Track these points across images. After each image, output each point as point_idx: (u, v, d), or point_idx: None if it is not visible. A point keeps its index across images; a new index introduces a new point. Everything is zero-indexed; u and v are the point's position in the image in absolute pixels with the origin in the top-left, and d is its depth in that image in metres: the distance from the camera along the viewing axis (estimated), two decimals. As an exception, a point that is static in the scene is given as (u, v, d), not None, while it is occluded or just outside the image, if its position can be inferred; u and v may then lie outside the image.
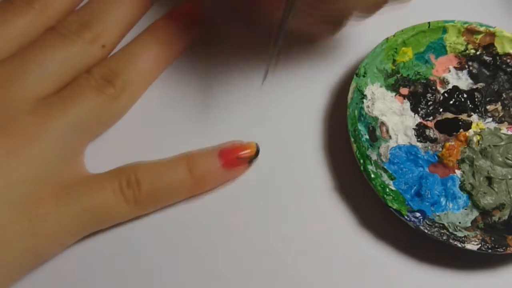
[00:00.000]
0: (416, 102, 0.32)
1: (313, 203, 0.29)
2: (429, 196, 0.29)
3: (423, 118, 0.31)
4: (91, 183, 0.27)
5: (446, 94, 0.32)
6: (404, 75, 0.32)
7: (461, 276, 0.28)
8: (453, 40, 0.32)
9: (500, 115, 0.32)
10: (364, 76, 0.31)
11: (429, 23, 0.32)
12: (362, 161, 0.28)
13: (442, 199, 0.29)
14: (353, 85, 0.30)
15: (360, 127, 0.30)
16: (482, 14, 0.34)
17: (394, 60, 0.32)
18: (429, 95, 0.32)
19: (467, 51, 0.33)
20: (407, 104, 0.31)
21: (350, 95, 0.30)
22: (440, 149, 0.30)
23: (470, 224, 0.28)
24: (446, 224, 0.28)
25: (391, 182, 0.29)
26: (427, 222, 0.28)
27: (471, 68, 0.33)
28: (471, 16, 0.33)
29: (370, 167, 0.28)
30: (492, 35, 0.32)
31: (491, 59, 0.33)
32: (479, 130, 0.31)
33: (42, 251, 0.25)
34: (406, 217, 0.27)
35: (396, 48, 0.32)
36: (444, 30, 0.32)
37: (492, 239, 0.27)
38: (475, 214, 0.29)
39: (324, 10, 0.27)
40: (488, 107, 0.32)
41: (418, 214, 0.28)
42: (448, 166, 0.30)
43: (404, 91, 0.32)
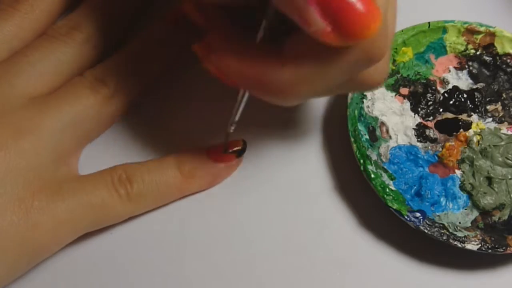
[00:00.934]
0: (416, 102, 0.32)
1: (313, 203, 0.29)
2: (429, 196, 0.29)
3: (423, 118, 0.31)
4: (84, 181, 0.27)
5: (446, 94, 0.32)
6: (404, 75, 0.32)
7: (461, 276, 0.28)
8: (453, 40, 0.32)
9: (500, 115, 0.32)
10: (364, 76, 0.31)
11: (429, 23, 0.32)
12: (362, 161, 0.28)
13: (442, 199, 0.29)
14: (353, 85, 0.30)
15: (360, 127, 0.30)
16: (482, 14, 0.34)
17: (394, 60, 0.32)
18: (429, 95, 0.32)
19: (467, 51, 0.33)
20: (407, 104, 0.31)
21: (350, 95, 0.30)
22: (440, 149, 0.30)
23: (470, 224, 0.28)
24: (446, 224, 0.28)
25: (391, 182, 0.29)
26: (427, 222, 0.28)
27: (471, 68, 0.33)
28: (471, 16, 0.33)
29: (370, 167, 0.28)
30: (492, 35, 0.32)
31: (491, 59, 0.33)
32: (479, 130, 0.31)
33: (39, 244, 0.25)
34: (406, 217, 0.27)
35: (396, 48, 0.32)
36: (444, 30, 0.32)
37: (492, 239, 0.27)
38: (475, 214, 0.29)
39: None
40: (488, 107, 0.32)
41: (418, 214, 0.28)
42: (448, 166, 0.30)
43: (404, 91, 0.32)
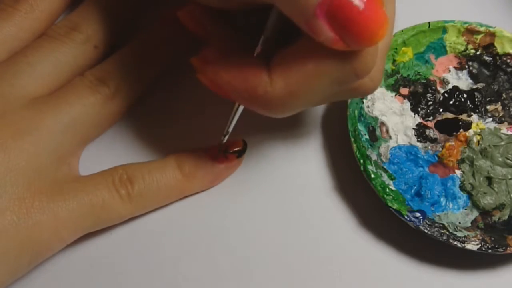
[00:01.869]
0: (416, 102, 0.32)
1: (313, 203, 0.29)
2: (429, 196, 0.29)
3: (423, 118, 0.31)
4: (85, 181, 0.27)
5: (446, 94, 0.32)
6: (404, 75, 0.32)
7: (461, 276, 0.28)
8: (453, 40, 0.32)
9: (500, 115, 0.32)
10: (364, 76, 0.31)
11: (429, 23, 0.32)
12: (362, 161, 0.28)
13: (442, 199, 0.29)
14: (353, 85, 0.30)
15: (360, 127, 0.30)
16: (482, 14, 0.34)
17: (394, 60, 0.32)
18: (429, 95, 0.32)
19: (467, 51, 0.33)
20: (407, 104, 0.31)
21: (350, 95, 0.30)
22: (440, 149, 0.30)
23: (470, 224, 0.28)
24: (446, 224, 0.28)
25: (391, 182, 0.29)
26: (427, 222, 0.28)
27: (471, 68, 0.33)
28: (471, 16, 0.33)
29: (370, 167, 0.28)
30: (492, 35, 0.32)
31: (491, 59, 0.33)
32: (479, 130, 0.31)
33: (40, 243, 0.25)
34: (406, 217, 0.27)
35: (396, 48, 0.32)
36: (444, 30, 0.32)
37: (492, 239, 0.27)
38: (475, 214, 0.29)
39: None
40: (488, 107, 0.32)
41: (418, 214, 0.28)
42: (448, 166, 0.30)
43: (404, 91, 0.32)
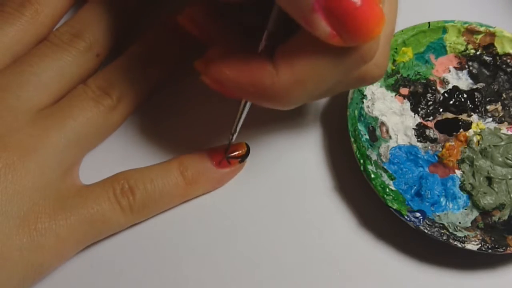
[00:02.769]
0: (416, 102, 0.32)
1: (313, 203, 0.29)
2: (429, 196, 0.29)
3: (423, 118, 0.31)
4: (86, 193, 0.27)
5: (446, 94, 0.32)
6: (404, 75, 0.32)
7: (461, 276, 0.28)
8: (453, 40, 0.32)
9: (500, 115, 0.32)
10: (364, 76, 0.31)
11: (429, 23, 0.32)
12: (362, 161, 0.28)
13: (442, 199, 0.29)
14: (353, 85, 0.30)
15: (360, 127, 0.30)
16: (482, 14, 0.34)
17: (394, 60, 0.32)
18: (429, 95, 0.32)
19: (467, 51, 0.33)
20: (407, 104, 0.31)
21: (350, 95, 0.30)
22: (440, 149, 0.30)
23: (470, 224, 0.28)
24: (446, 224, 0.28)
25: (391, 182, 0.29)
26: (427, 222, 0.28)
27: (471, 68, 0.33)
28: (471, 16, 0.33)
29: (370, 167, 0.28)
30: (492, 35, 0.32)
31: (491, 59, 0.33)
32: (479, 130, 0.31)
33: (43, 265, 0.25)
34: (406, 217, 0.27)
35: (396, 48, 0.32)
36: (444, 30, 0.32)
37: (492, 239, 0.27)
38: (475, 214, 0.29)
39: None
40: (488, 107, 0.32)
41: (418, 214, 0.28)
42: (448, 166, 0.30)
43: (404, 91, 0.32)
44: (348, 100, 0.30)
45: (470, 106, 0.32)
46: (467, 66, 0.33)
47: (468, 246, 0.27)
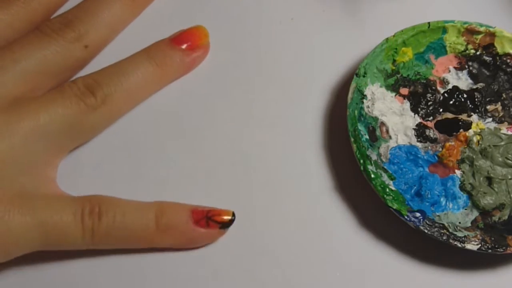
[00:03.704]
0: (416, 102, 0.32)
1: (313, 203, 0.29)
2: (429, 196, 0.29)
3: (423, 118, 0.31)
4: (52, 201, 0.25)
5: (446, 94, 0.32)
6: (404, 75, 0.32)
7: (461, 276, 0.28)
8: (453, 40, 0.32)
9: (500, 115, 0.32)
10: (364, 76, 0.31)
11: (429, 23, 0.32)
12: (362, 161, 0.28)
13: (442, 199, 0.29)
14: (353, 85, 0.30)
15: (360, 127, 0.30)
16: (482, 14, 0.34)
17: (394, 60, 0.32)
18: (429, 95, 0.32)
19: (467, 51, 0.33)
20: (407, 104, 0.31)
21: (350, 95, 0.30)
22: (440, 149, 0.30)
23: (470, 224, 0.28)
24: (446, 224, 0.28)
25: (391, 182, 0.29)
26: (427, 222, 0.28)
27: (471, 68, 0.33)
28: (471, 16, 0.33)
29: (370, 167, 0.28)
30: (492, 35, 0.32)
31: (491, 59, 0.33)
32: (479, 130, 0.31)
33: None
34: (406, 217, 0.27)
35: (396, 48, 0.32)
36: (444, 30, 0.32)
37: (492, 239, 0.27)
38: (475, 214, 0.29)
39: None
40: (488, 107, 0.32)
41: (418, 214, 0.28)
42: (448, 166, 0.30)
43: (404, 91, 0.32)
44: (348, 100, 0.30)
45: (470, 106, 0.32)
46: (467, 66, 0.33)
47: (468, 246, 0.27)
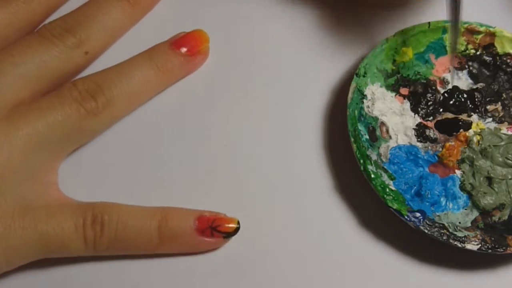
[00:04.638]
0: (416, 102, 0.32)
1: (313, 203, 0.29)
2: (429, 196, 0.29)
3: (423, 118, 0.31)
4: (53, 211, 0.25)
5: (446, 94, 0.32)
6: (404, 75, 0.32)
7: (461, 276, 0.28)
8: (453, 40, 0.32)
9: (500, 115, 0.32)
10: (364, 76, 0.31)
11: (429, 23, 0.32)
12: (362, 161, 0.28)
13: (442, 199, 0.29)
14: (353, 85, 0.30)
15: (360, 127, 0.30)
16: (482, 14, 0.34)
17: (394, 60, 0.32)
18: (429, 95, 0.32)
19: (467, 51, 0.33)
20: (407, 104, 0.31)
21: (350, 95, 0.30)
22: (440, 149, 0.30)
23: (470, 224, 0.28)
24: (446, 224, 0.28)
25: (391, 182, 0.29)
26: (427, 222, 0.28)
27: (471, 68, 0.33)
28: (471, 16, 0.33)
29: (370, 167, 0.28)
30: (492, 35, 0.32)
31: (491, 59, 0.33)
32: (479, 130, 0.31)
33: None
34: (406, 217, 0.27)
35: (396, 48, 0.32)
36: (444, 30, 0.32)
37: (492, 239, 0.27)
38: (475, 214, 0.29)
39: None
40: (488, 107, 0.32)
41: (418, 214, 0.28)
42: (448, 166, 0.30)
43: (404, 91, 0.32)
44: (348, 100, 0.30)
45: (470, 106, 0.32)
46: (467, 66, 0.33)
47: (468, 246, 0.27)
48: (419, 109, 0.31)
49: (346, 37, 0.34)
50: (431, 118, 0.31)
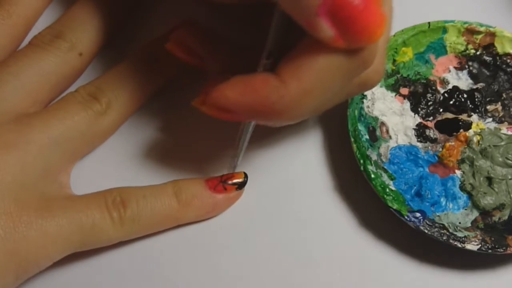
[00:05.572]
0: (416, 102, 0.32)
1: (313, 203, 0.29)
2: (429, 196, 0.29)
3: (423, 118, 0.31)
4: (75, 199, 0.26)
5: (446, 94, 0.32)
6: (404, 75, 0.32)
7: (461, 276, 0.28)
8: (453, 40, 0.32)
9: (500, 115, 0.32)
10: (364, 76, 0.31)
11: (429, 23, 0.32)
12: (362, 161, 0.28)
13: (442, 199, 0.29)
14: (353, 85, 0.30)
15: (360, 127, 0.30)
16: (482, 14, 0.34)
17: (394, 60, 0.32)
18: (429, 95, 0.32)
19: (467, 51, 0.33)
20: (407, 104, 0.31)
21: (350, 95, 0.30)
22: (440, 149, 0.30)
23: (470, 224, 0.28)
24: (446, 224, 0.28)
25: (391, 182, 0.29)
26: (427, 222, 0.28)
27: (471, 68, 0.33)
28: (471, 16, 0.33)
29: (370, 167, 0.28)
30: (492, 35, 0.32)
31: (491, 59, 0.33)
32: (479, 130, 0.31)
33: (27, 259, 0.24)
34: (406, 217, 0.27)
35: (396, 48, 0.32)
36: (444, 30, 0.32)
37: (492, 239, 0.27)
38: (475, 214, 0.29)
39: None
40: (488, 107, 0.32)
41: (418, 214, 0.28)
42: (448, 166, 0.30)
43: (404, 91, 0.32)
44: (348, 100, 0.30)
45: (470, 106, 0.32)
46: (467, 66, 0.33)
47: (468, 246, 0.27)
48: (419, 109, 0.31)
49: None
50: (431, 118, 0.31)
